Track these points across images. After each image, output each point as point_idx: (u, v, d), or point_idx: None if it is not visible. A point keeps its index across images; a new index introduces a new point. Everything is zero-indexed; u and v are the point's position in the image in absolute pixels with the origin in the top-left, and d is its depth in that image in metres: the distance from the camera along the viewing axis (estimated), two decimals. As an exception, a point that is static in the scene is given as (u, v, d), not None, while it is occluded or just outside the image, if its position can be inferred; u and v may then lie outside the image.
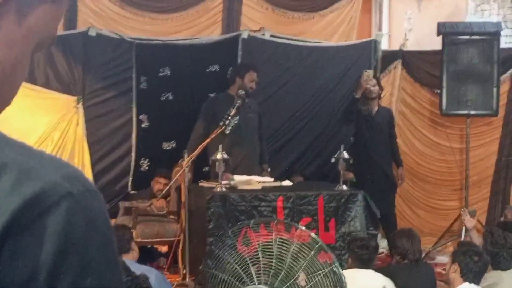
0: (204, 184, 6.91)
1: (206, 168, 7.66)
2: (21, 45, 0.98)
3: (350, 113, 8.58)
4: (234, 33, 8.50)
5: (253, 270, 4.83)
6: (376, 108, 8.47)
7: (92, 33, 7.85)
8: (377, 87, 8.46)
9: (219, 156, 6.68)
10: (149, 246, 7.62)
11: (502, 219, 8.31)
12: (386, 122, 8.48)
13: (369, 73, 8.61)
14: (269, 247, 4.97)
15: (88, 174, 7.51)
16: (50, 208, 0.85)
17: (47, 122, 7.47)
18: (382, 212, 8.15)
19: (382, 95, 8.61)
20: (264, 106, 8.18)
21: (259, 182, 6.95)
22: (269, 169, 7.95)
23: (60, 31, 7.77)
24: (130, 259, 5.03)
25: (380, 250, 8.19)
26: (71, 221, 0.86)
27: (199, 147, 6.77)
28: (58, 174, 0.88)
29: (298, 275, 4.81)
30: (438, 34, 8.38)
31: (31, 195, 0.84)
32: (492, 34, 8.33)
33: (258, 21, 8.79)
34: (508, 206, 8.66)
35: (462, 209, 7.84)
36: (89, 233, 0.88)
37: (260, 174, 7.55)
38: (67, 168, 0.92)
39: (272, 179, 7.34)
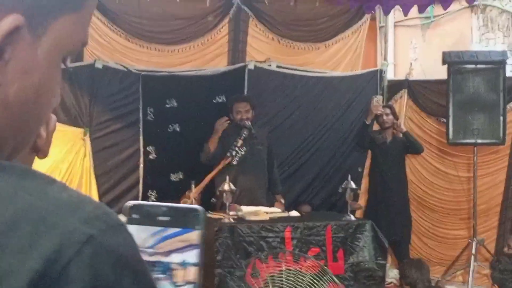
0: (212, 215, 6.90)
1: (214, 200, 7.64)
2: (42, 67, 0.92)
3: (363, 139, 8.63)
4: (241, 64, 8.53)
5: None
6: (391, 137, 8.50)
7: (99, 65, 7.89)
8: (391, 117, 8.50)
9: (226, 187, 6.69)
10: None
11: (505, 249, 8.27)
12: (401, 150, 8.50)
13: (379, 98, 8.66)
14: (278, 278, 4.96)
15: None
16: (72, 260, 0.80)
17: (55, 154, 7.47)
18: (395, 240, 8.17)
19: (399, 123, 8.61)
20: (271, 136, 8.18)
21: (267, 213, 6.94)
22: (282, 200, 7.93)
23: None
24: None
25: (389, 280, 8.17)
26: (97, 267, 0.81)
27: (206, 179, 6.77)
28: (76, 218, 0.83)
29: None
30: (444, 63, 8.38)
31: (50, 250, 0.79)
32: (497, 63, 8.32)
33: (264, 51, 8.82)
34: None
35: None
36: (119, 273, 0.84)
37: (270, 205, 7.53)
38: (86, 207, 0.86)
39: (280, 210, 7.33)
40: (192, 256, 0.99)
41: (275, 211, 7.20)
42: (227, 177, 6.87)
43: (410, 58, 9.67)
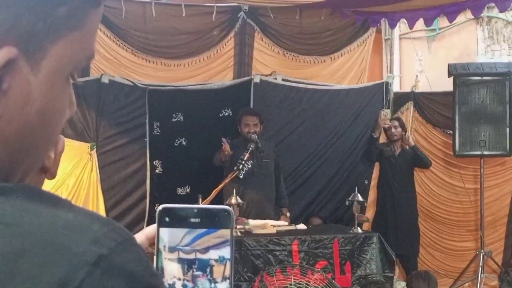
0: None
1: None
2: (45, 91, 0.89)
3: (371, 153, 8.65)
4: (246, 78, 8.55)
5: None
6: (400, 150, 8.52)
7: (105, 80, 7.91)
8: (399, 129, 8.53)
9: (233, 200, 6.69)
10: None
11: None
12: (409, 163, 8.51)
13: (386, 112, 8.69)
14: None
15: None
16: (84, 282, 0.78)
17: (62, 169, 7.48)
18: (404, 253, 8.16)
19: (407, 136, 8.62)
20: (277, 149, 8.18)
21: (274, 226, 6.94)
22: (288, 213, 7.94)
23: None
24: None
25: (397, 293, 8.15)
26: (109, 285, 0.80)
27: (213, 192, 6.76)
28: (84, 238, 0.82)
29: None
30: (449, 75, 8.39)
31: (60, 274, 0.78)
32: (503, 75, 8.31)
33: (270, 65, 8.84)
34: None
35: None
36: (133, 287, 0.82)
37: (278, 218, 7.54)
38: (94, 226, 0.85)
39: (287, 223, 7.33)
40: (227, 252, 1.01)
41: (282, 224, 7.20)
42: (234, 191, 6.87)
43: (416, 70, 9.69)
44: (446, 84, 8.60)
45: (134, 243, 0.87)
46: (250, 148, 7.23)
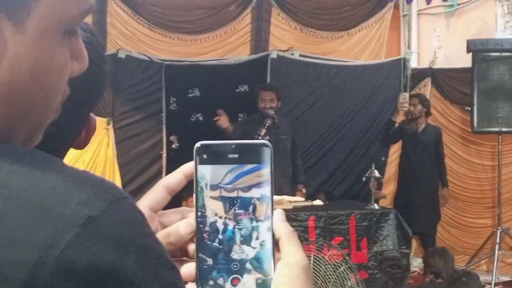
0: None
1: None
2: (33, 50, 0.85)
3: (390, 136, 8.65)
4: (263, 53, 8.50)
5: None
6: (423, 126, 8.48)
7: (122, 55, 7.90)
8: (419, 107, 8.46)
9: (249, 176, 6.67)
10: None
11: None
12: (432, 141, 8.47)
13: (405, 96, 8.66)
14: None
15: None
16: (70, 245, 0.75)
17: (78, 144, 7.48)
18: (422, 230, 8.15)
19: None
20: (294, 125, 8.16)
21: (290, 202, 6.92)
22: (304, 190, 7.91)
23: (90, 54, 7.84)
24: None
25: (413, 269, 8.15)
26: (98, 249, 0.77)
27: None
28: (73, 200, 0.78)
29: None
30: (468, 51, 8.32)
31: (46, 238, 0.75)
32: (522, 51, 8.27)
33: (287, 40, 8.80)
34: None
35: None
36: (122, 252, 0.78)
37: (293, 194, 7.52)
38: (84, 185, 0.81)
39: (303, 199, 7.31)
40: (269, 191, 0.99)
41: (299, 200, 7.18)
42: (251, 166, 6.87)
43: (434, 46, 9.63)
44: (464, 60, 8.55)
45: (127, 202, 0.83)
46: (267, 124, 7.20)
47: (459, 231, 9.05)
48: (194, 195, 0.98)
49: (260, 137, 7.05)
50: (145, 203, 1.03)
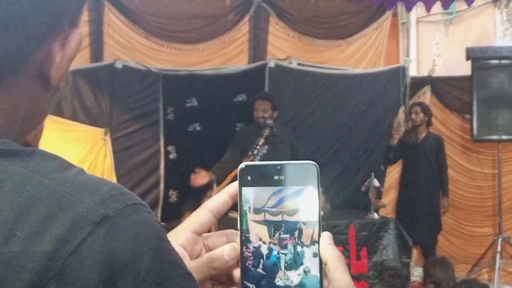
0: (234, 215, 6.83)
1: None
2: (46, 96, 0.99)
3: (390, 160, 8.66)
4: (261, 62, 8.48)
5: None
6: (423, 135, 8.40)
7: (119, 65, 7.87)
8: (421, 115, 8.39)
9: (248, 186, 6.63)
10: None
11: None
12: (433, 150, 8.38)
13: (400, 119, 8.64)
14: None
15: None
16: (85, 240, 0.80)
17: (76, 155, 7.46)
18: (422, 241, 8.10)
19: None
20: (293, 134, 8.12)
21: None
22: None
23: (87, 64, 7.83)
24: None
25: (414, 279, 8.10)
26: (112, 247, 0.81)
27: (227, 178, 6.71)
28: (91, 199, 0.83)
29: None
30: (467, 59, 8.30)
31: (62, 232, 0.80)
32: (522, 58, 8.24)
33: (285, 49, 8.78)
34: None
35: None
36: (136, 251, 0.82)
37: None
38: (102, 188, 0.86)
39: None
40: (315, 214, 0.97)
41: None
42: (249, 176, 6.81)
43: (433, 54, 9.60)
44: (464, 68, 8.52)
45: (144, 209, 0.88)
46: (265, 133, 7.16)
47: (459, 240, 9.01)
48: (238, 218, 0.98)
49: (258, 147, 7.01)
50: (188, 226, 1.05)
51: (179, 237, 1.03)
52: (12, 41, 0.91)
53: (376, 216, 7.04)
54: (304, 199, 0.97)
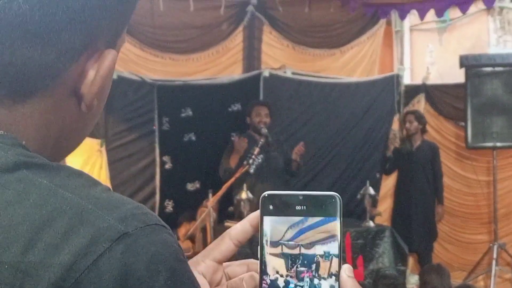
0: (230, 224, 6.85)
1: (232, 208, 7.59)
2: (81, 117, 1.01)
3: (387, 171, 8.66)
4: (255, 72, 8.49)
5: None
6: (418, 143, 8.42)
7: (113, 76, 7.85)
8: (415, 123, 8.40)
9: (243, 195, 6.65)
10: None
11: None
12: (427, 158, 8.39)
13: (395, 131, 8.66)
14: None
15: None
16: (103, 255, 0.80)
17: (71, 166, 7.44)
18: (418, 248, 8.10)
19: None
20: (287, 144, 8.12)
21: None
22: None
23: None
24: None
25: (410, 286, 8.10)
26: (129, 263, 0.81)
27: (223, 187, 6.72)
28: (112, 216, 0.84)
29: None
30: (461, 66, 8.32)
31: (81, 245, 0.80)
32: (515, 65, 8.26)
33: (279, 58, 8.79)
34: None
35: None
36: (153, 270, 0.82)
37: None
38: (125, 206, 0.86)
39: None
40: (334, 247, 0.97)
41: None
42: (245, 186, 6.82)
43: (427, 62, 9.61)
44: (457, 76, 8.54)
45: (165, 229, 0.87)
46: (261, 142, 7.17)
47: (455, 247, 9.01)
48: (259, 249, 0.97)
49: (253, 156, 7.02)
50: (209, 254, 1.07)
51: (199, 265, 1.04)
52: (45, 55, 0.91)
53: (371, 224, 7.05)
54: (323, 231, 0.97)
